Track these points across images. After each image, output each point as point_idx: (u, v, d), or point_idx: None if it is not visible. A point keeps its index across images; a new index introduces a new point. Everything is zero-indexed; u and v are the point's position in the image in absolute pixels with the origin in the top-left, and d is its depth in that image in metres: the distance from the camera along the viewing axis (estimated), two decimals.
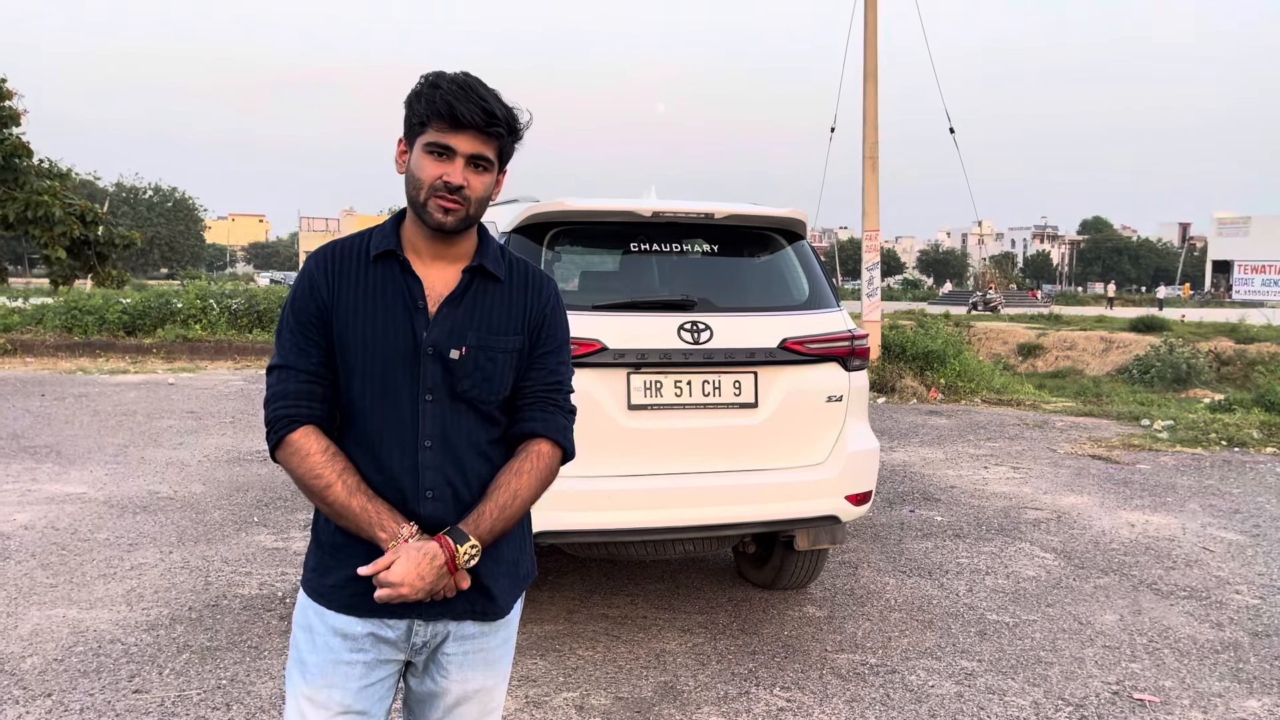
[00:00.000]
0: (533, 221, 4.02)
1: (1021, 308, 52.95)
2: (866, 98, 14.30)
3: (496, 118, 1.74)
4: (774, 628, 4.42)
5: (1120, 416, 11.26)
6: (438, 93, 1.73)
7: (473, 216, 1.80)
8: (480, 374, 1.81)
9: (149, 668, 3.86)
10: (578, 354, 3.77)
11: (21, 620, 4.34)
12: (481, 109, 1.72)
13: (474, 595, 1.82)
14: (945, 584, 5.09)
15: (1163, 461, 8.52)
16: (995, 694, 3.75)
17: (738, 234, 4.28)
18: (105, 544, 5.54)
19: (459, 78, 1.75)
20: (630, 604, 4.70)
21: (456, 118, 1.72)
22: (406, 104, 1.79)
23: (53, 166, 20.27)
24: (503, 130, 1.76)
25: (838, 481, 4.10)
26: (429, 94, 1.74)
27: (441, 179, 1.74)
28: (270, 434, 1.79)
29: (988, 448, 9.18)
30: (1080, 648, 4.23)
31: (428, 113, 1.74)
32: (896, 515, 6.53)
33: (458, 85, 1.73)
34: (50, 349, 15.67)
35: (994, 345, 33.31)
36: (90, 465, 7.68)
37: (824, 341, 4.09)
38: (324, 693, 1.81)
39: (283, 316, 1.85)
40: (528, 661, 3.97)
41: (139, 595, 4.69)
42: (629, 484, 3.88)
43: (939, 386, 12.97)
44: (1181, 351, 26.20)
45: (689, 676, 3.88)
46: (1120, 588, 5.05)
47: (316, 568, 1.86)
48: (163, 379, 13.42)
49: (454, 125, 1.73)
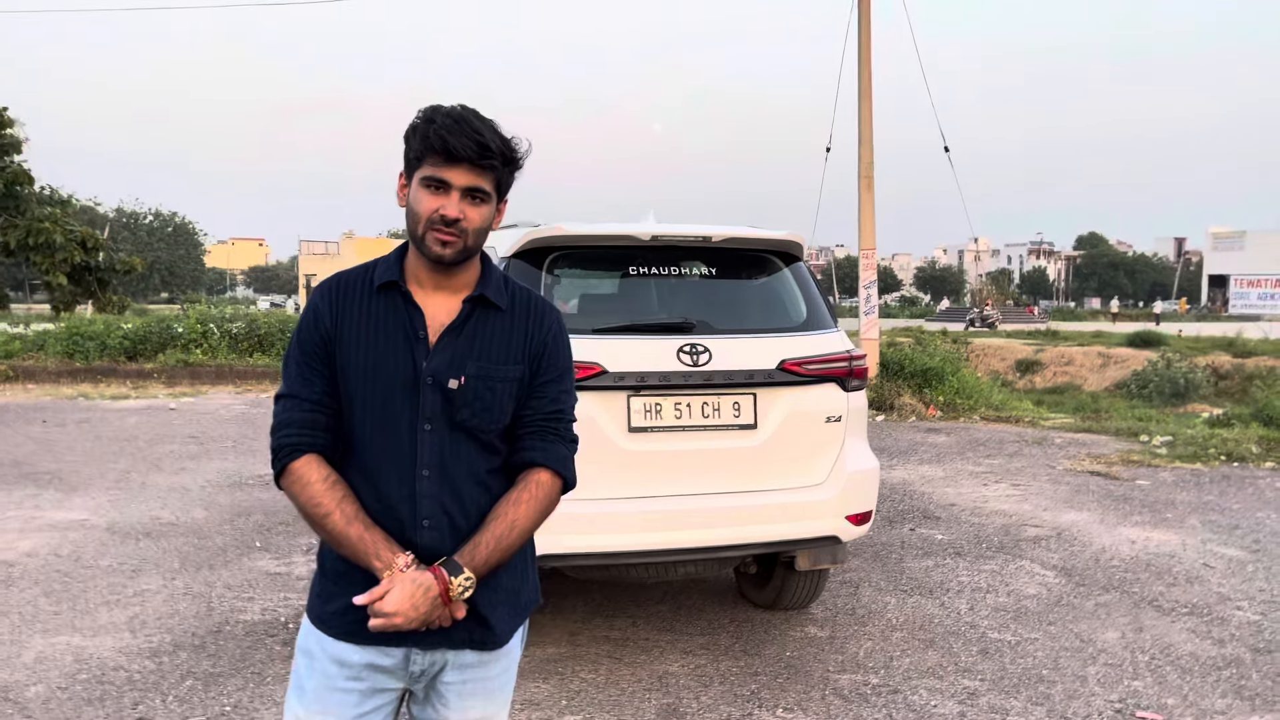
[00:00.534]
0: (532, 246, 4.06)
1: (1019, 324, 53.07)
2: (861, 118, 14.40)
3: (490, 150, 1.75)
4: (776, 648, 4.43)
5: (1119, 432, 11.28)
6: (432, 127, 1.75)
7: (471, 248, 1.81)
8: (480, 403, 1.82)
9: (152, 694, 3.86)
10: (578, 377, 3.79)
11: (25, 648, 4.34)
12: (475, 142, 1.73)
13: (471, 625, 1.83)
14: (946, 602, 5.10)
15: (1162, 477, 8.54)
16: (998, 713, 3.76)
17: (735, 256, 4.32)
18: (108, 570, 5.54)
19: (454, 111, 1.77)
20: (632, 626, 4.71)
21: (450, 152, 1.73)
22: (405, 139, 1.82)
23: (54, 193, 20.50)
24: (497, 163, 1.77)
25: (838, 502, 4.12)
26: (424, 129, 1.76)
27: (438, 212, 1.76)
28: (274, 462, 1.82)
29: (987, 465, 9.19)
30: (1083, 666, 4.24)
31: (423, 148, 1.77)
32: (897, 534, 6.54)
33: (452, 119, 1.75)
34: (52, 375, 15.69)
35: (992, 362, 33.36)
36: (92, 491, 7.68)
37: (822, 362, 4.12)
38: (319, 718, 1.84)
39: (290, 346, 1.88)
40: (530, 685, 3.98)
41: (142, 622, 4.70)
42: (630, 506, 3.90)
43: (937, 404, 12.99)
44: (1179, 366, 26.23)
45: (691, 698, 3.89)
46: (1121, 605, 5.07)
47: (320, 594, 1.87)
48: (164, 404, 13.44)
49: (448, 159, 1.75)
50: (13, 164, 19.23)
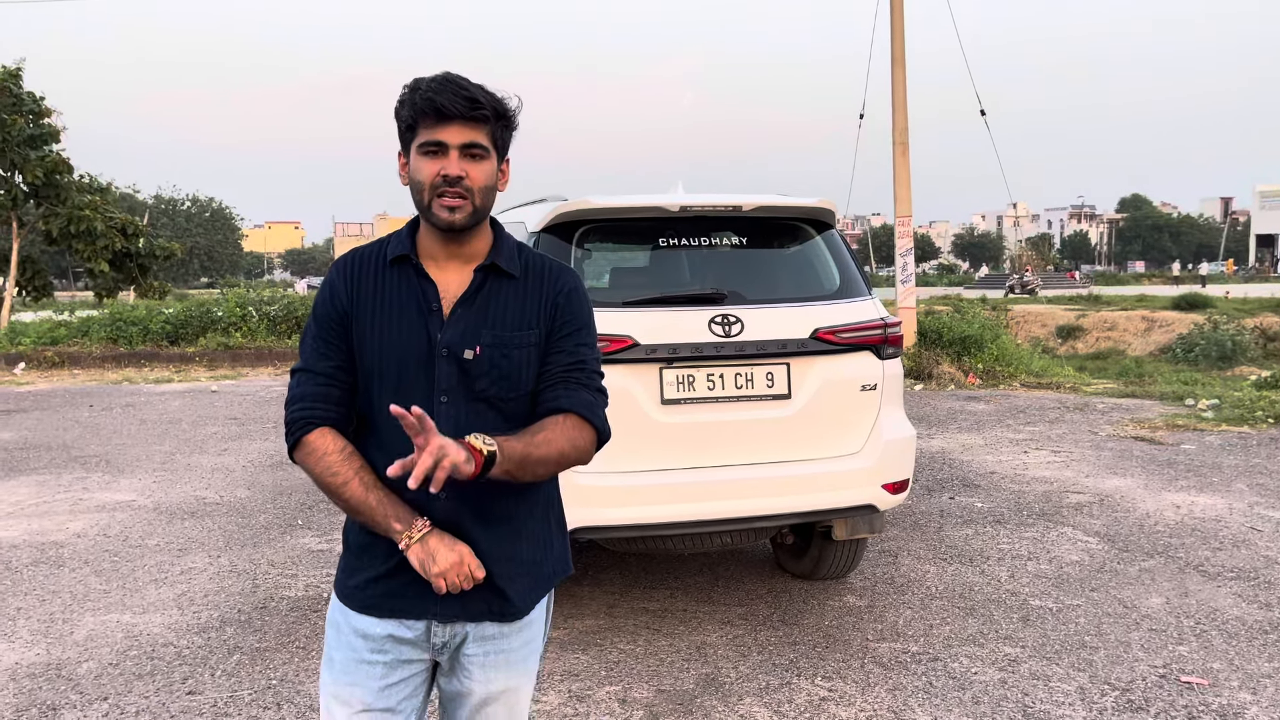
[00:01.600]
0: (561, 220, 4.05)
1: (1060, 289, 52.23)
2: (895, 83, 14.17)
3: (479, 102, 1.75)
4: (814, 618, 4.43)
5: (1163, 397, 11.09)
6: (418, 94, 1.76)
7: (480, 209, 1.80)
8: (497, 372, 1.82)
9: (201, 669, 3.95)
10: (610, 350, 3.80)
11: (77, 626, 4.45)
12: (464, 97, 1.74)
13: (489, 596, 1.84)
14: (987, 570, 5.06)
15: (1208, 441, 8.39)
16: (1040, 680, 3.73)
17: (766, 225, 4.29)
18: (156, 550, 5.66)
19: (437, 76, 1.78)
20: (670, 597, 4.72)
21: (440, 110, 1.74)
22: (395, 115, 1.82)
23: (93, 181, 20.77)
24: (488, 114, 1.77)
25: (874, 470, 4.09)
26: (411, 97, 1.77)
27: (439, 174, 1.76)
28: (289, 435, 1.84)
29: (1028, 432, 9.09)
30: (1126, 631, 4.20)
31: (413, 114, 1.77)
32: (936, 502, 6.49)
33: (437, 82, 1.76)
34: (97, 360, 15.99)
35: (1032, 328, 32.88)
36: (139, 473, 7.84)
37: (856, 330, 4.08)
38: (347, 690, 1.86)
39: (307, 323, 1.90)
40: (569, 656, 4.01)
41: (190, 599, 4.79)
42: (665, 478, 3.90)
43: (977, 371, 12.84)
44: (1226, 329, 25.71)
45: (730, 668, 3.90)
46: (1166, 570, 5.00)
47: (345, 569, 1.91)
48: (206, 387, 13.65)
49: (440, 118, 1.75)
50: (52, 153, 19.50)
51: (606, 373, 3.94)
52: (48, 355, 15.98)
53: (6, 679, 3.88)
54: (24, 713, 3.57)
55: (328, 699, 1.90)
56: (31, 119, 19.11)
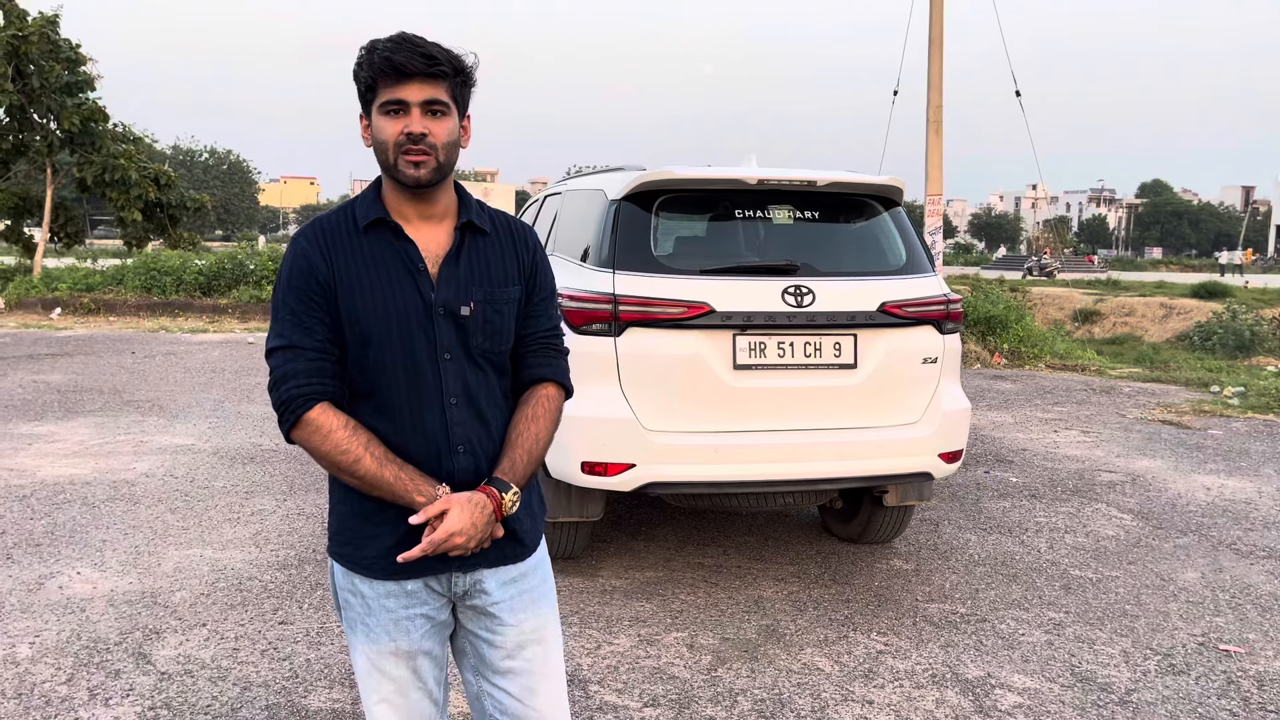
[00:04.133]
0: (642, 189, 4.21)
1: (1078, 273, 52.10)
2: (931, 61, 14.20)
3: (437, 59, 1.76)
4: (864, 578, 4.64)
5: (1188, 383, 11.23)
6: (375, 54, 1.76)
7: (444, 165, 1.81)
8: (490, 327, 1.87)
9: (289, 602, 4.18)
10: (687, 315, 3.98)
11: (163, 559, 4.69)
12: (420, 54, 1.74)
13: (502, 540, 1.88)
14: (1026, 541, 5.26)
15: (1235, 427, 8.55)
16: (1085, 643, 3.94)
17: (837, 200, 4.44)
18: (223, 491, 5.90)
19: (394, 35, 1.78)
20: (724, 554, 4.94)
21: (399, 68, 1.74)
22: (354, 77, 1.82)
23: (127, 131, 20.90)
24: (447, 70, 1.77)
25: (933, 439, 4.27)
26: (368, 58, 1.77)
27: (402, 132, 1.77)
28: (286, 415, 1.78)
29: (1056, 412, 9.26)
30: (1164, 602, 4.40)
31: (371, 75, 1.77)
32: (972, 476, 6.68)
33: (393, 41, 1.77)
34: (132, 308, 16.24)
35: (1050, 311, 32.89)
36: (192, 419, 8.08)
37: (921, 305, 4.25)
38: (391, 646, 1.88)
39: (276, 299, 1.84)
40: (635, 604, 4.23)
41: (265, 538, 5.03)
42: (734, 439, 4.09)
43: (1002, 351, 13.00)
44: (1245, 318, 25.72)
45: (789, 621, 4.11)
46: (1200, 547, 5.19)
47: (351, 540, 1.88)
48: (241, 338, 13.88)
49: (399, 77, 1.75)
50: (88, 100, 19.63)
51: (684, 339, 4.13)
52: (84, 301, 16.24)
53: (105, 604, 4.12)
54: (128, 635, 3.81)
55: (374, 660, 1.90)
56: (68, 66, 19.24)
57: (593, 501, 4.34)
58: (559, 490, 4.25)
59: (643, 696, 3.40)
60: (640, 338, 3.99)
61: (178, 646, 3.71)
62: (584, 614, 4.11)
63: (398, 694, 1.91)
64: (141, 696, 3.31)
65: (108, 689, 3.36)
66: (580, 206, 4.74)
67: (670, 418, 4.05)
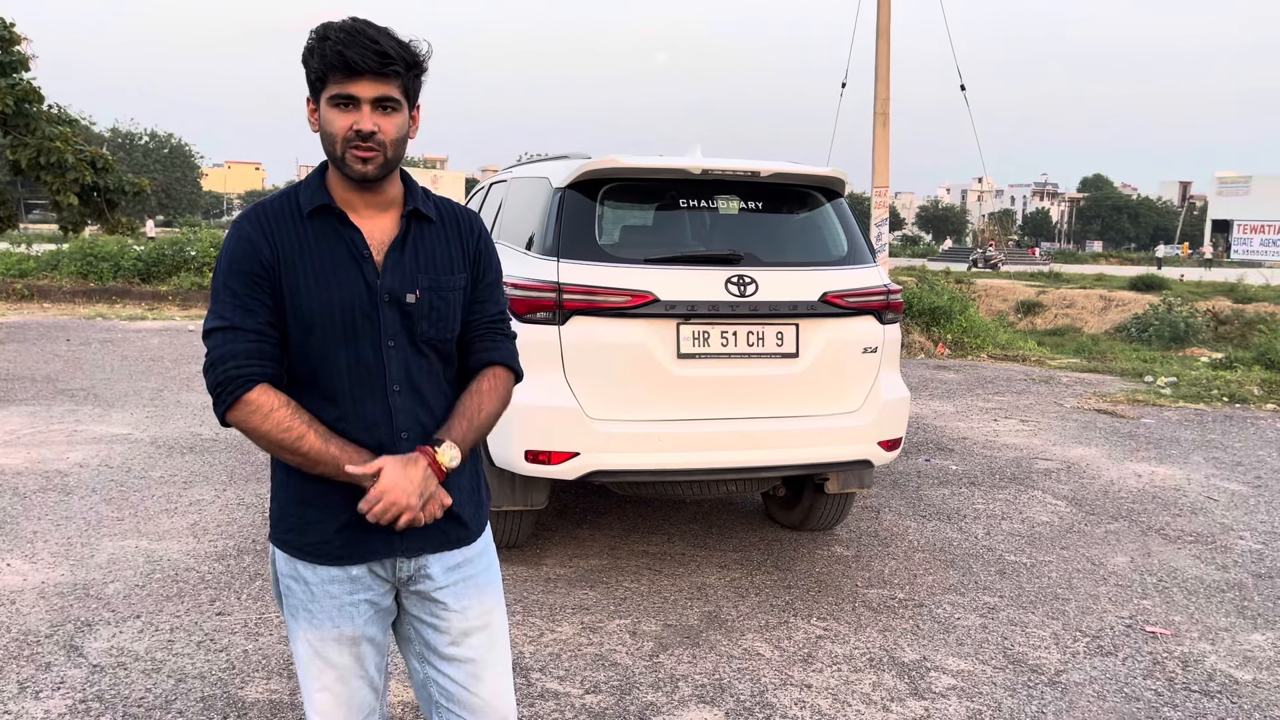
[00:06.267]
0: (587, 178, 4.20)
1: (1022, 265, 53.09)
2: (879, 53, 14.34)
3: (390, 57, 1.72)
4: (805, 565, 4.70)
5: (1124, 373, 11.52)
6: (327, 45, 1.72)
7: (391, 160, 1.80)
8: (435, 315, 1.86)
9: (227, 593, 4.12)
10: (631, 305, 3.99)
11: (96, 550, 4.59)
12: (374, 52, 1.71)
13: (446, 524, 1.89)
14: (964, 527, 5.37)
15: (1166, 416, 8.79)
16: (1017, 625, 4.03)
17: (780, 191, 4.48)
18: (160, 481, 5.79)
19: (346, 24, 1.74)
20: (668, 541, 4.97)
21: (350, 65, 1.71)
22: (303, 62, 1.78)
23: (62, 112, 20.25)
24: (400, 68, 1.74)
25: (872, 428, 4.34)
26: (320, 48, 1.73)
27: (352, 129, 1.75)
28: (223, 395, 1.76)
29: (996, 401, 9.44)
30: (1094, 586, 4.52)
31: (322, 66, 1.74)
32: (913, 464, 6.80)
33: (345, 33, 1.72)
34: (67, 295, 15.84)
35: (994, 302, 33.49)
36: (129, 408, 7.91)
37: (862, 295, 4.30)
38: (335, 632, 1.88)
39: (217, 281, 1.82)
40: (579, 592, 4.25)
41: (203, 529, 4.95)
42: (678, 428, 4.11)
43: (946, 342, 13.21)
44: (1180, 310, 26.44)
45: (731, 607, 4.15)
46: (1130, 533, 5.34)
47: (295, 527, 1.87)
48: (181, 325, 13.61)
49: (350, 73, 1.72)
50: (22, 81, 18.98)
51: (628, 328, 4.14)
52: (16, 287, 15.80)
53: (36, 596, 4.03)
54: (59, 628, 3.73)
55: (315, 646, 1.89)
56: (2, 46, 18.60)
57: (537, 490, 4.34)
58: (503, 479, 4.24)
59: (584, 684, 3.41)
60: (584, 326, 3.99)
61: (110, 639, 3.64)
62: (527, 602, 4.12)
63: (339, 681, 1.90)
64: (73, 689, 3.25)
65: (38, 681, 3.29)
66: (526, 194, 4.72)
67: (614, 406, 4.06)
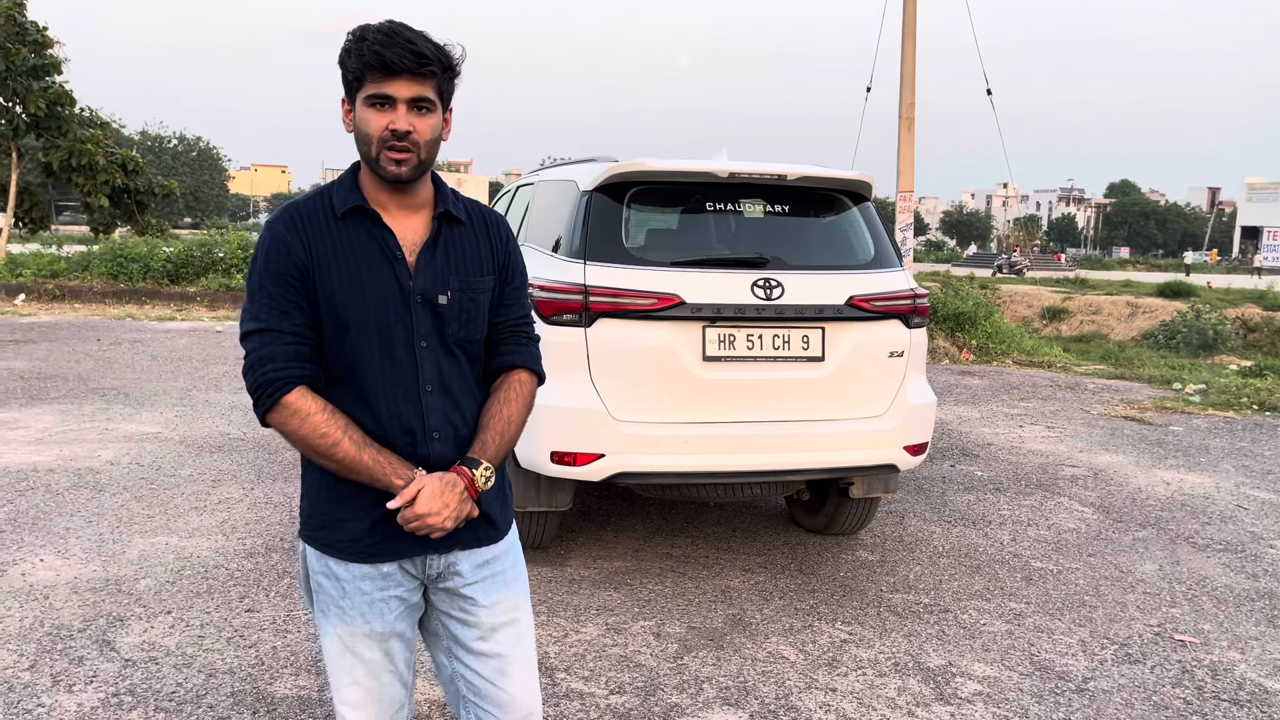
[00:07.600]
0: (614, 180, 4.22)
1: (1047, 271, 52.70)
2: (904, 58, 14.30)
3: (427, 58, 1.75)
4: (830, 569, 4.69)
5: (1151, 380, 11.42)
6: (365, 45, 1.74)
7: (425, 161, 1.82)
8: (465, 316, 1.89)
9: (255, 590, 4.16)
10: (657, 307, 4.00)
11: (128, 546, 4.65)
12: (411, 51, 1.73)
13: (475, 522, 1.91)
14: (989, 533, 5.34)
15: (1195, 424, 8.71)
16: (1044, 632, 4.01)
17: (807, 195, 4.48)
18: (190, 480, 5.85)
19: (384, 26, 1.77)
20: (692, 544, 4.97)
21: (388, 65, 1.73)
22: (340, 63, 1.80)
23: (94, 115, 20.60)
24: (436, 69, 1.77)
25: (898, 432, 4.33)
26: (357, 48, 1.76)
27: (387, 129, 1.77)
28: (263, 398, 1.78)
29: (1022, 407, 9.38)
30: (1122, 593, 4.48)
31: (360, 66, 1.76)
32: (938, 469, 6.77)
33: (383, 34, 1.75)
34: (98, 295, 16.03)
35: (1019, 308, 33.26)
36: (159, 407, 8.00)
37: (888, 299, 4.30)
38: (365, 628, 1.90)
39: (253, 282, 1.83)
40: (603, 593, 4.26)
41: (232, 526, 5.00)
42: (703, 430, 4.12)
43: (970, 348, 13.14)
44: (1209, 317, 26.14)
45: (755, 610, 4.15)
46: (1158, 540, 5.29)
47: (326, 524, 1.89)
48: (209, 326, 13.75)
49: (387, 73, 1.74)
50: (54, 84, 19.33)
51: (654, 330, 4.16)
52: (48, 288, 16.01)
53: (68, 592, 4.08)
54: (91, 623, 3.78)
55: (346, 641, 1.91)
56: (35, 49, 18.93)
57: (561, 491, 4.35)
58: (528, 479, 4.26)
59: (609, 684, 3.43)
60: (610, 328, 4.01)
61: (142, 634, 3.69)
62: (552, 603, 4.13)
63: (369, 676, 1.93)
64: (105, 683, 3.29)
65: (71, 675, 3.34)
66: (552, 197, 4.75)
67: (639, 408, 4.07)
